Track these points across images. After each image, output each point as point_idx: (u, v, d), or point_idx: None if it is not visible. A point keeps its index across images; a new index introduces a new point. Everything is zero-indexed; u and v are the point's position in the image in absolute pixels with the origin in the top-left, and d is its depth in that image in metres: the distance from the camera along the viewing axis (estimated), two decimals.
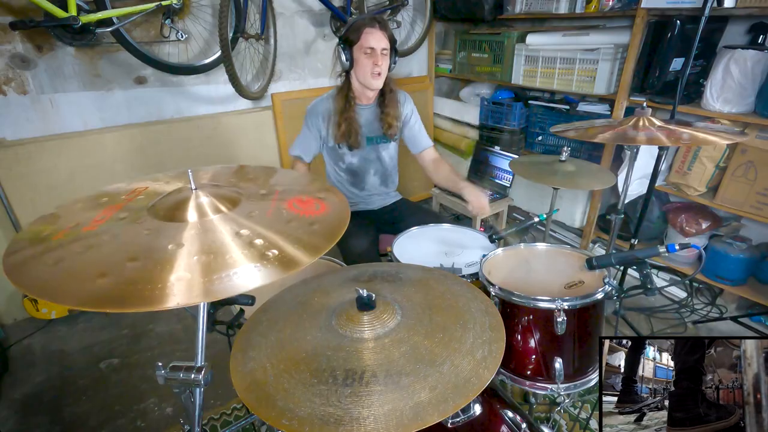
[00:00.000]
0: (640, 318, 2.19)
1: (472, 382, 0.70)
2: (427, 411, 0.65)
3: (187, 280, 0.65)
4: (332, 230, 0.82)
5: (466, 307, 0.89)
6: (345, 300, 0.90)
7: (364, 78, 1.64)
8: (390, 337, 0.79)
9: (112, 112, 2.26)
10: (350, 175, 1.86)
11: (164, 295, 0.62)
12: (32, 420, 1.73)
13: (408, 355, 0.75)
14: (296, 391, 0.70)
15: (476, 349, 0.77)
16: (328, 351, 0.77)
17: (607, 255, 1.21)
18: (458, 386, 0.70)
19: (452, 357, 0.75)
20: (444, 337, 0.80)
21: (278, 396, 0.69)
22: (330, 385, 0.70)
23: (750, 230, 2.21)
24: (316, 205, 0.91)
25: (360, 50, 1.60)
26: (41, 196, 2.11)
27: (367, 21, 1.59)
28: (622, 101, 2.22)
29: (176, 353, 2.05)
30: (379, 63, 1.60)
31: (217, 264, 0.68)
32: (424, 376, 0.71)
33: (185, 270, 0.66)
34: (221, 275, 0.66)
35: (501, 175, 2.82)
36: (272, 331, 0.85)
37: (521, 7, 2.61)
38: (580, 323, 1.14)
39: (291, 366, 0.75)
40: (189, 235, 0.74)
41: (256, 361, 0.77)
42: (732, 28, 2.06)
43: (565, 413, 1.66)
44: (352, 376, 0.71)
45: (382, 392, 0.68)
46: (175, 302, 0.62)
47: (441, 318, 0.85)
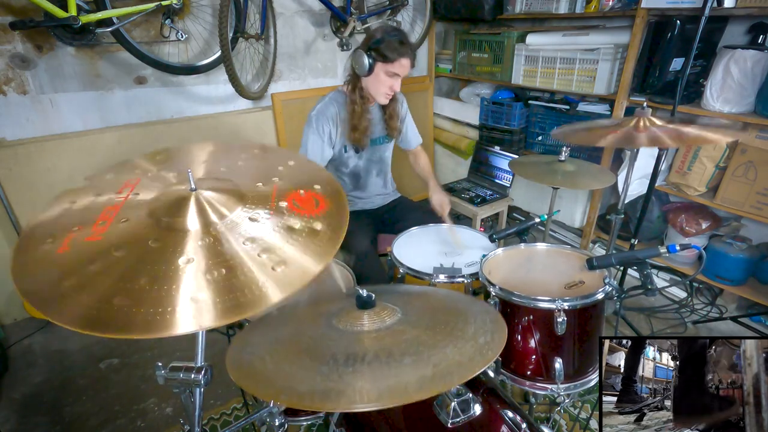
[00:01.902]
0: (640, 318, 2.19)
1: (476, 360, 0.70)
2: (433, 382, 0.64)
3: (199, 301, 0.62)
4: (335, 229, 0.81)
5: (467, 308, 0.90)
6: (343, 306, 0.89)
7: (375, 92, 1.64)
8: (392, 329, 0.79)
9: (112, 112, 2.26)
10: (353, 179, 1.86)
11: (174, 321, 0.60)
12: (32, 420, 1.73)
13: (410, 341, 0.75)
14: (296, 373, 0.69)
15: (478, 336, 0.77)
16: (329, 342, 0.76)
17: (608, 255, 1.21)
18: (462, 364, 0.69)
19: (455, 342, 0.75)
20: (446, 328, 0.80)
21: (277, 378, 0.68)
22: (331, 366, 0.68)
23: (750, 230, 2.21)
24: (315, 202, 0.90)
25: (384, 69, 1.58)
26: (41, 196, 2.11)
27: (405, 50, 1.57)
28: (622, 101, 2.22)
29: (176, 353, 2.05)
30: (396, 88, 1.62)
31: (230, 282, 0.65)
32: (428, 356, 0.70)
33: (197, 290, 0.64)
34: (235, 294, 0.63)
35: (501, 175, 2.82)
36: (269, 331, 0.85)
37: (521, 7, 2.61)
38: (580, 323, 1.14)
39: (291, 355, 0.74)
40: (196, 246, 0.71)
41: (254, 355, 0.76)
42: (732, 28, 2.06)
43: (565, 413, 1.66)
44: (353, 358, 0.70)
45: (386, 369, 0.67)
46: (190, 327, 0.59)
47: (443, 315, 0.85)
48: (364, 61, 1.57)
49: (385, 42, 1.55)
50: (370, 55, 1.57)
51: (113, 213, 0.80)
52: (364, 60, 1.57)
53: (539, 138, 2.74)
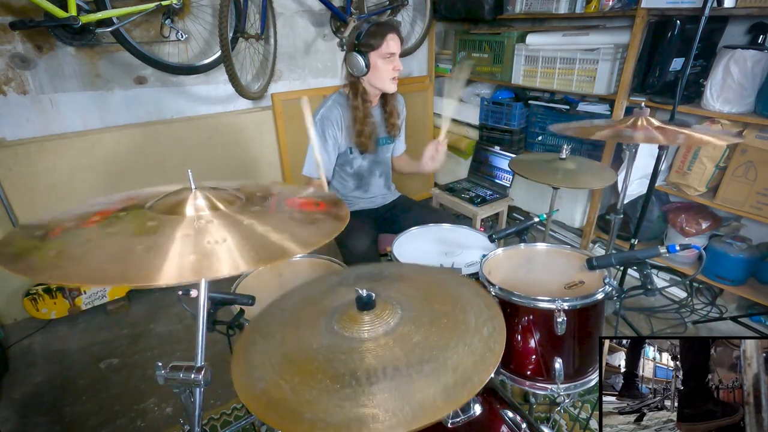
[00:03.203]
0: (640, 318, 2.19)
1: (488, 357, 0.72)
2: (456, 390, 0.66)
3: (189, 259, 0.66)
4: (335, 218, 0.84)
5: (458, 292, 0.91)
6: (340, 303, 0.88)
7: (381, 83, 1.63)
8: (398, 332, 0.79)
9: (112, 112, 2.26)
10: (356, 180, 1.86)
11: (163, 271, 0.64)
12: (32, 420, 1.73)
13: (422, 345, 0.75)
14: (321, 400, 0.66)
15: (481, 327, 0.79)
16: (341, 355, 0.75)
17: (608, 255, 1.21)
18: (476, 362, 0.70)
19: (463, 338, 0.76)
20: (449, 322, 0.81)
21: (303, 409, 0.65)
22: (355, 387, 0.67)
23: (750, 230, 2.21)
24: (315, 204, 0.92)
25: (379, 55, 1.58)
26: (41, 196, 2.11)
27: (386, 27, 1.58)
28: (622, 101, 2.22)
29: (176, 353, 2.05)
30: (399, 67, 1.62)
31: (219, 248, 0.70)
32: (443, 360, 0.71)
33: (191, 252, 0.68)
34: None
35: (501, 175, 2.81)
36: (272, 347, 0.81)
37: (521, 7, 2.61)
38: (580, 323, 1.14)
39: (307, 377, 0.71)
40: (192, 226, 0.75)
41: (266, 380, 0.73)
42: (732, 28, 2.06)
43: (565, 413, 1.66)
44: (374, 374, 0.69)
45: (409, 383, 0.67)
46: (172, 279, 0.63)
47: (439, 306, 0.86)
48: (357, 60, 1.58)
49: (365, 33, 1.57)
50: (360, 52, 1.58)
51: (108, 213, 0.82)
52: (357, 59, 1.58)
53: (539, 138, 2.74)
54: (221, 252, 0.69)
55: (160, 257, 0.66)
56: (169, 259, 0.66)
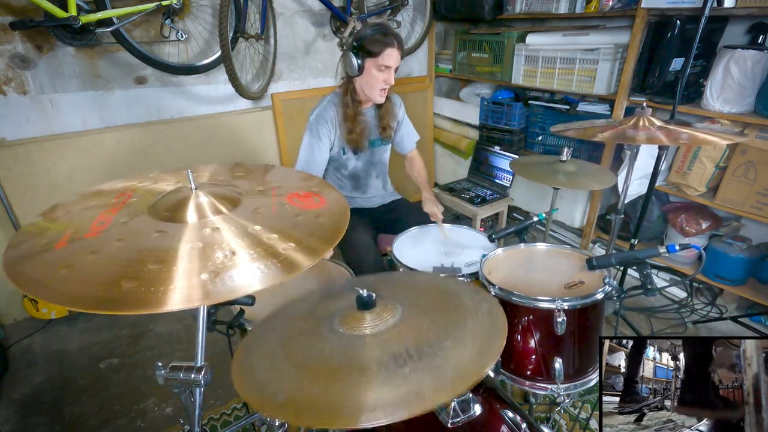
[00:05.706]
0: (640, 318, 2.19)
1: (497, 343, 0.76)
2: (469, 370, 0.70)
3: (196, 282, 0.64)
4: (337, 221, 0.84)
5: (455, 290, 0.94)
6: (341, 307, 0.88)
7: (370, 90, 1.64)
8: (403, 324, 0.81)
9: (112, 112, 2.26)
10: (353, 181, 1.86)
11: (167, 299, 0.62)
12: (32, 420, 1.73)
13: (431, 331, 0.78)
14: (352, 393, 0.67)
15: (483, 319, 0.81)
16: (358, 350, 0.76)
17: (608, 255, 1.21)
18: (483, 349, 0.74)
19: (467, 325, 0.79)
20: (451, 316, 0.82)
21: (347, 404, 0.65)
22: (384, 371, 0.69)
23: (750, 230, 2.21)
24: (315, 199, 0.92)
25: (374, 64, 1.58)
26: (41, 196, 2.11)
27: (389, 40, 1.56)
28: (622, 101, 2.22)
29: (176, 353, 2.05)
30: (390, 81, 1.61)
31: (230, 265, 0.68)
32: (453, 347, 0.74)
33: (199, 273, 0.66)
34: (230, 274, 0.66)
35: (501, 175, 2.81)
36: (276, 364, 0.78)
37: (521, 7, 2.61)
38: (580, 323, 1.14)
39: (331, 376, 0.71)
40: (195, 235, 0.73)
41: (284, 391, 0.71)
42: (732, 28, 2.05)
43: (565, 413, 1.66)
44: (402, 357, 0.72)
45: (436, 359, 0.72)
46: (179, 305, 0.61)
47: (436, 299, 0.89)
48: (353, 61, 1.58)
49: (368, 37, 1.56)
50: (358, 54, 1.58)
51: (112, 215, 0.81)
52: (352, 60, 1.58)
53: (539, 138, 2.74)
54: (230, 269, 0.68)
55: (168, 281, 0.65)
56: (174, 283, 0.64)
